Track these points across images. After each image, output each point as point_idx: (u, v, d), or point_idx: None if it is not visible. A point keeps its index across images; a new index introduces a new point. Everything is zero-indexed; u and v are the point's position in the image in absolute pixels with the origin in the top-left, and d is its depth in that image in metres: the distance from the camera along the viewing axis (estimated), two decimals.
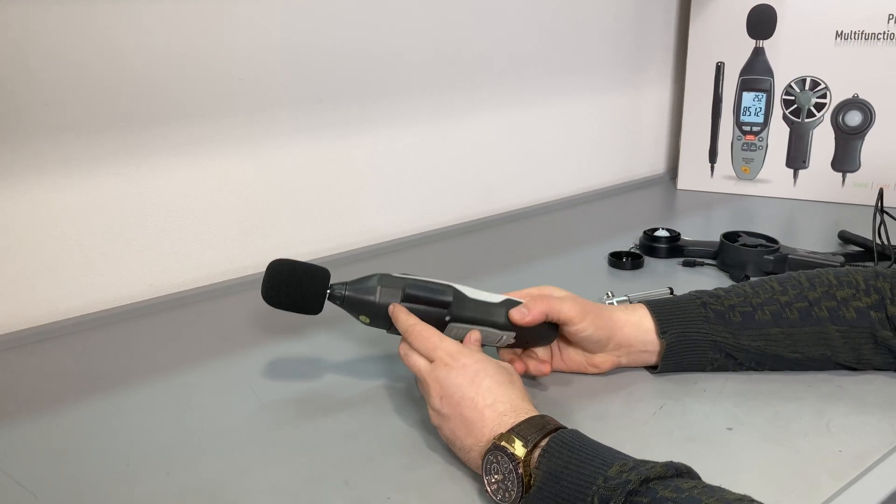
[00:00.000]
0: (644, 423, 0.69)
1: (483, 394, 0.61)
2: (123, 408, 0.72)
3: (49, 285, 0.90)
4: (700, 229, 1.22)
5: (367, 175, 1.14)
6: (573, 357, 0.76)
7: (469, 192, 1.27)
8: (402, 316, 0.68)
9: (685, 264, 1.06)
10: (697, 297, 0.76)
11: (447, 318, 0.69)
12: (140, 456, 0.65)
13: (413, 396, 0.74)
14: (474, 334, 0.69)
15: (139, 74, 0.90)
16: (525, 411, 0.60)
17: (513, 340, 0.72)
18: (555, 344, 0.76)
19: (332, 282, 0.71)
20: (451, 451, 0.64)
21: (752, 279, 0.79)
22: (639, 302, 0.77)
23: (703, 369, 0.76)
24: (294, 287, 0.71)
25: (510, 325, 0.70)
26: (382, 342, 0.85)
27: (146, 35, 0.90)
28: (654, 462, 0.53)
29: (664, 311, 0.75)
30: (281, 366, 0.80)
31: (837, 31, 1.30)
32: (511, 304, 0.71)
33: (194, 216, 0.99)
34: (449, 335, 0.68)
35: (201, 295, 0.97)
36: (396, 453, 0.65)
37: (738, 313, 0.74)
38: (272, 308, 0.71)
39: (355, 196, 1.14)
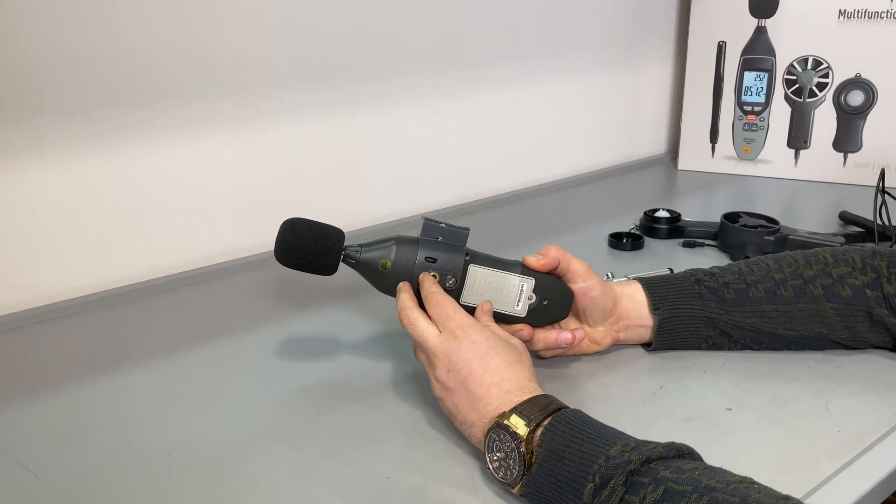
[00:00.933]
0: (643, 404, 0.69)
1: (491, 371, 0.61)
2: (124, 389, 0.73)
3: (48, 267, 0.90)
4: (700, 210, 1.22)
5: (365, 155, 1.13)
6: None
7: (469, 173, 1.27)
8: (427, 282, 0.67)
9: (685, 245, 1.06)
10: (692, 275, 0.76)
11: (466, 258, 0.69)
12: (141, 437, 0.65)
13: (413, 376, 0.74)
14: (486, 304, 0.69)
15: (137, 54, 0.90)
16: (530, 391, 0.60)
17: (532, 296, 0.70)
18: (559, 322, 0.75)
19: (346, 243, 0.70)
20: (451, 431, 0.65)
21: (750, 258, 0.79)
22: (633, 279, 0.77)
23: (697, 347, 0.76)
24: (308, 246, 0.69)
25: (528, 271, 0.71)
26: (382, 321, 0.85)
27: (144, 14, 0.89)
28: (656, 443, 0.53)
29: (657, 287, 0.75)
30: (281, 346, 0.80)
31: (840, 10, 1.29)
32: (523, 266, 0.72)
33: (193, 197, 0.99)
34: (470, 285, 0.68)
35: (200, 276, 0.97)
36: (396, 433, 0.65)
37: (731, 290, 0.74)
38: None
39: (354, 176, 1.13)
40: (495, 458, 0.57)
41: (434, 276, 0.68)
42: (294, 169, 1.07)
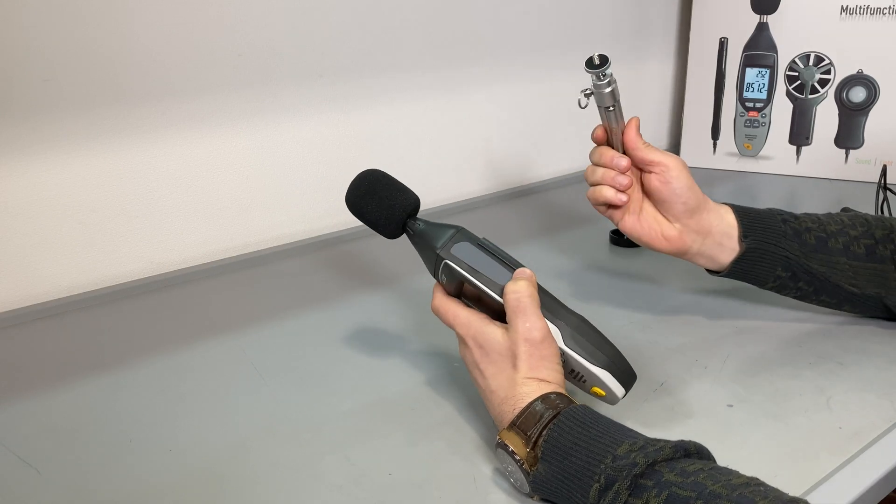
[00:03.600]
0: (644, 400, 0.69)
1: (490, 378, 0.61)
2: (125, 385, 0.73)
3: (50, 263, 0.90)
4: None
5: (367, 151, 1.13)
6: (648, 220, 0.76)
7: (469, 169, 1.27)
8: (438, 290, 0.66)
9: None
10: (778, 213, 0.77)
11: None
12: (142, 433, 0.65)
13: (415, 372, 0.74)
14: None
15: (139, 50, 0.90)
16: (527, 395, 0.57)
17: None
18: (637, 196, 0.76)
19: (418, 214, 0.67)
20: (453, 427, 0.65)
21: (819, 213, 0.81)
22: (723, 203, 0.78)
23: (763, 284, 0.77)
24: (379, 199, 0.67)
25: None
26: (383, 319, 0.85)
27: (146, 11, 0.89)
28: (664, 442, 0.52)
29: (747, 216, 0.76)
30: (282, 342, 0.81)
31: (843, 6, 1.29)
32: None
33: (195, 193, 0.99)
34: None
35: (202, 272, 0.98)
36: (398, 429, 0.66)
37: (813, 236, 0.76)
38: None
39: (356, 172, 1.13)
40: (508, 469, 0.57)
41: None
42: (296, 165, 1.07)
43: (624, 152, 0.76)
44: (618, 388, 0.61)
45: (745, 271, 0.76)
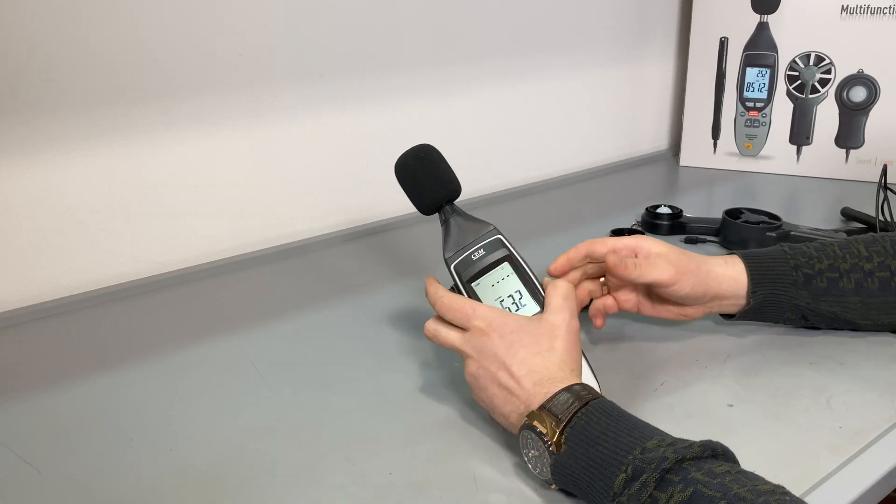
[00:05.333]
0: (645, 400, 0.69)
1: (518, 364, 0.60)
2: (126, 385, 0.73)
3: (51, 262, 0.90)
4: (702, 206, 1.22)
5: (367, 150, 1.13)
6: (666, 308, 0.77)
7: (470, 168, 1.27)
8: (431, 290, 0.67)
9: (687, 241, 1.06)
10: (791, 257, 0.76)
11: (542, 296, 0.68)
12: (142, 433, 0.65)
13: (415, 372, 0.74)
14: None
15: (140, 50, 0.90)
16: (561, 380, 0.59)
17: None
18: (648, 295, 0.77)
19: (455, 202, 0.70)
20: (453, 428, 0.65)
21: (838, 240, 0.79)
22: (732, 253, 0.77)
23: (775, 323, 0.79)
24: (422, 179, 0.70)
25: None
26: (384, 318, 0.85)
27: (147, 11, 0.89)
28: (691, 441, 0.52)
29: (759, 268, 0.75)
30: (283, 343, 0.81)
31: (843, 6, 1.29)
32: None
33: (195, 193, 0.99)
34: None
35: (203, 272, 0.98)
36: (398, 430, 0.66)
37: (824, 279, 0.75)
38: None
39: (356, 171, 1.13)
40: (530, 454, 0.57)
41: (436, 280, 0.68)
42: (297, 164, 1.07)
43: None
44: (597, 388, 0.65)
45: (754, 318, 0.77)
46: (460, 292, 0.67)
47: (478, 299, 0.66)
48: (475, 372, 0.62)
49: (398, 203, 1.18)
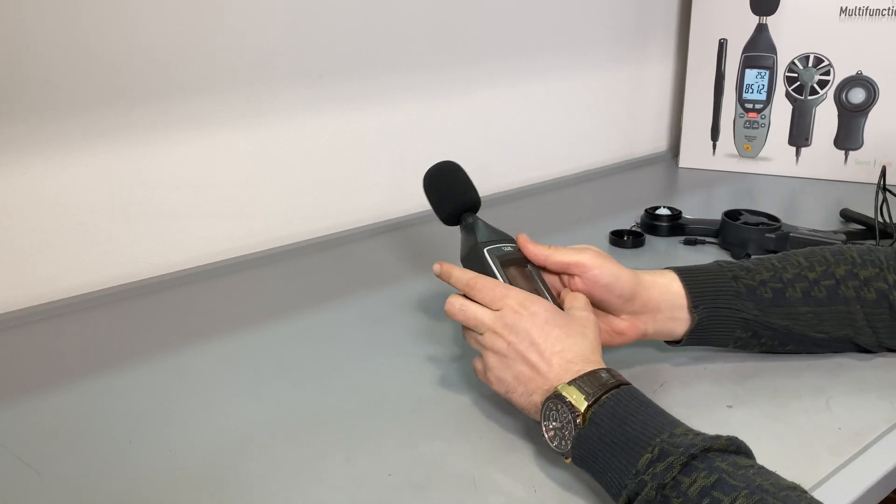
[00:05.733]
0: None
1: (551, 341, 0.61)
2: (125, 386, 0.73)
3: (49, 264, 0.90)
4: (702, 207, 1.22)
5: (367, 152, 1.13)
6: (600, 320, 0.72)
7: (469, 170, 1.26)
8: (457, 273, 0.68)
9: (686, 243, 1.06)
10: (728, 269, 0.72)
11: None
12: (142, 434, 0.65)
13: (416, 373, 0.74)
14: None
15: (139, 51, 0.90)
16: (593, 363, 0.60)
17: None
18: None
19: (476, 213, 0.75)
20: (453, 429, 0.65)
21: (777, 253, 0.77)
22: (665, 268, 0.74)
23: (725, 346, 0.74)
24: (446, 190, 0.76)
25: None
26: (384, 320, 0.85)
27: (146, 12, 0.89)
28: (718, 434, 0.53)
29: (696, 281, 0.71)
30: (283, 344, 0.80)
31: (841, 8, 1.29)
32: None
33: (195, 194, 0.99)
34: None
35: (202, 273, 0.97)
36: (398, 430, 0.66)
37: (769, 289, 0.71)
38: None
39: (356, 173, 1.13)
40: (551, 426, 0.58)
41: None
42: (296, 166, 1.07)
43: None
44: None
45: (702, 339, 0.72)
46: (492, 276, 0.68)
47: (510, 281, 0.68)
48: (503, 349, 0.62)
49: (396, 204, 1.18)
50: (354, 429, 0.66)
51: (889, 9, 1.26)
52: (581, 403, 0.56)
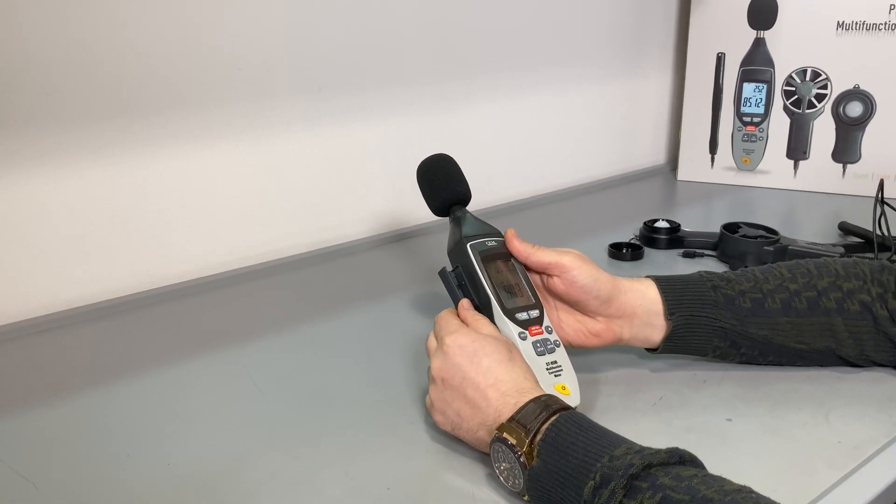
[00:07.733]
0: (643, 415, 0.69)
1: (483, 373, 0.61)
2: (123, 399, 0.73)
3: (48, 276, 0.90)
4: (700, 220, 1.22)
5: (366, 165, 1.14)
6: (570, 323, 0.72)
7: (468, 183, 1.27)
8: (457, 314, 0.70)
9: (685, 255, 1.06)
10: (707, 279, 0.73)
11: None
12: (139, 447, 0.65)
13: (413, 386, 0.74)
14: (464, 301, 0.70)
15: (139, 64, 0.90)
16: (528, 391, 0.59)
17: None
18: (553, 309, 0.73)
19: (466, 207, 0.77)
20: (451, 441, 0.65)
21: (759, 266, 0.77)
22: (646, 276, 0.74)
23: (704, 355, 0.74)
24: (438, 181, 0.78)
25: None
26: (382, 332, 0.85)
27: (146, 24, 0.89)
28: (658, 448, 0.53)
29: (673, 288, 0.72)
30: (280, 357, 0.80)
31: (839, 22, 1.29)
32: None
33: (193, 207, 0.99)
34: None
35: (200, 286, 0.97)
36: (396, 443, 0.65)
37: (748, 299, 0.71)
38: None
39: (354, 185, 1.14)
40: (502, 467, 0.57)
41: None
42: (294, 178, 1.07)
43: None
44: (578, 394, 0.67)
45: (679, 347, 0.73)
46: (473, 270, 0.70)
47: (491, 276, 0.70)
48: (440, 388, 0.63)
49: (395, 217, 1.18)
50: (353, 442, 0.66)
51: (886, 23, 1.27)
52: (522, 443, 0.55)
